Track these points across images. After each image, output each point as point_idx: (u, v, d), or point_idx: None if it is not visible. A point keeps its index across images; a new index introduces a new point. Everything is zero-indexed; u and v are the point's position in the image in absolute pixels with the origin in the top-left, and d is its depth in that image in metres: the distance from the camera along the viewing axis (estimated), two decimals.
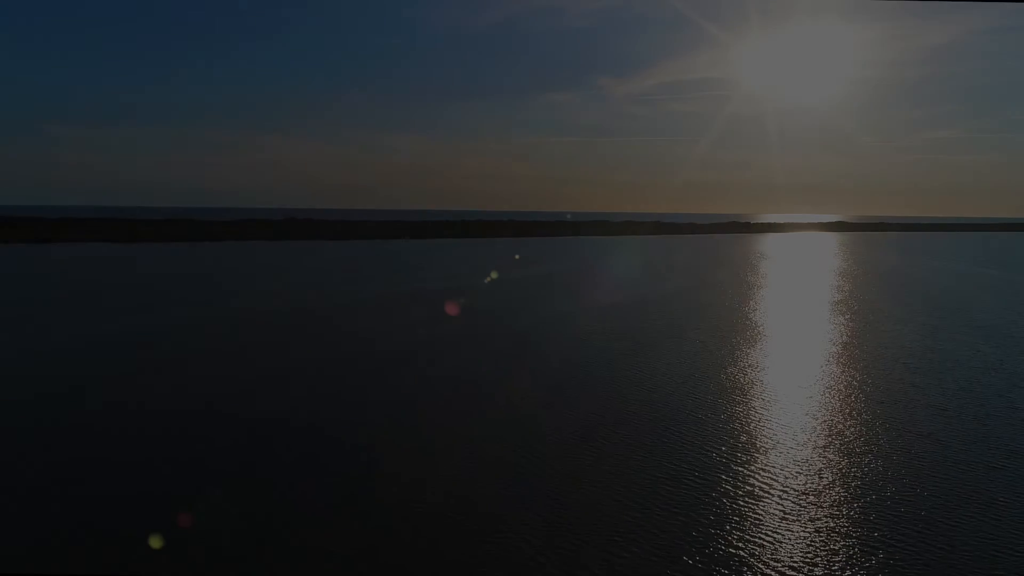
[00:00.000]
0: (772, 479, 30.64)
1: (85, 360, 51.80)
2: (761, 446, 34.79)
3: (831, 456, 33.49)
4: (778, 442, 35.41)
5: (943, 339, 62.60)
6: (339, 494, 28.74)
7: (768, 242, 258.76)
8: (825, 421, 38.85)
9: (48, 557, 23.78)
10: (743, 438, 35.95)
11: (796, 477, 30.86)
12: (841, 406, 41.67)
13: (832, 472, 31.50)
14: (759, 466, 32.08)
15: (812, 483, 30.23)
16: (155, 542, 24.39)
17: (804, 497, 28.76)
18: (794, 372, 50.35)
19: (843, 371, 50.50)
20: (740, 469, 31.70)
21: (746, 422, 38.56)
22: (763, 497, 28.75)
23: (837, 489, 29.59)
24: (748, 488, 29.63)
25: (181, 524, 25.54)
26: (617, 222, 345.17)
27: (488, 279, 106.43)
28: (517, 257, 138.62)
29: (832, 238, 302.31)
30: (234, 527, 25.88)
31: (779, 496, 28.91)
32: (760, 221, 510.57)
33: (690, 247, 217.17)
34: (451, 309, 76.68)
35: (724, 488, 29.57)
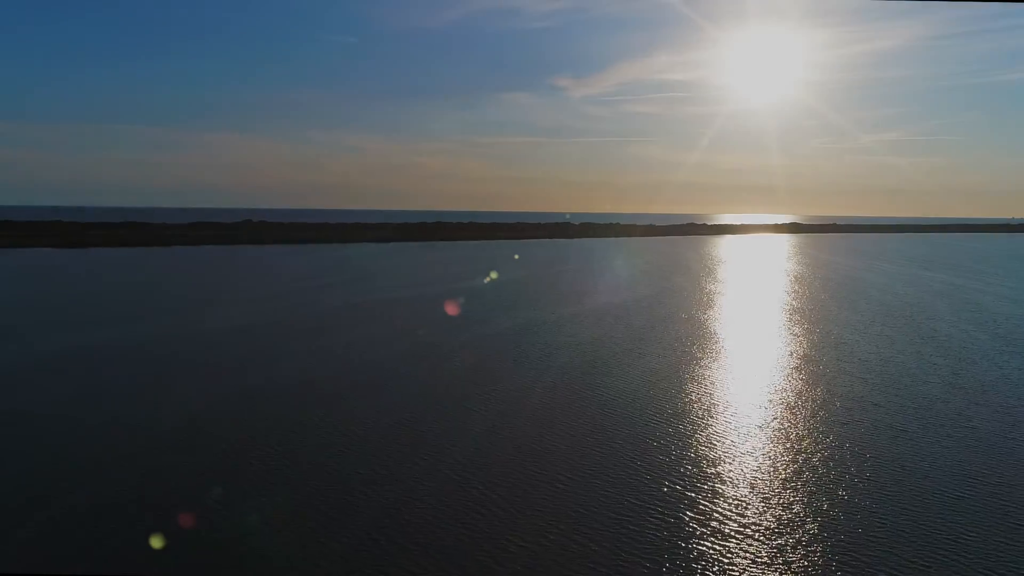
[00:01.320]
0: (728, 511, 29.70)
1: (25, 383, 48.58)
2: (722, 476, 33.87)
3: (792, 486, 32.74)
4: (739, 470, 34.57)
5: (899, 351, 63.01)
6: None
7: (725, 245, 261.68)
8: (785, 446, 38.18)
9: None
10: (703, 466, 35.01)
11: (758, 509, 29.98)
12: (801, 431, 41.11)
13: (795, 504, 30.72)
14: (721, 497, 31.11)
15: (772, 516, 29.38)
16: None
17: (766, 532, 27.86)
18: (753, 392, 49.81)
19: (803, 389, 50.16)
20: (704, 503, 30.68)
21: (707, 448, 37.66)
22: (726, 531, 27.75)
23: (801, 521, 28.79)
24: (710, 524, 28.61)
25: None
26: (577, 224, 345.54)
27: (453, 299, 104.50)
28: (490, 278, 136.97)
29: (787, 240, 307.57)
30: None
31: (739, 529, 27.96)
32: (718, 222, 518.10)
33: (649, 250, 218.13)
34: (399, 323, 74.77)
35: (683, 521, 28.50)
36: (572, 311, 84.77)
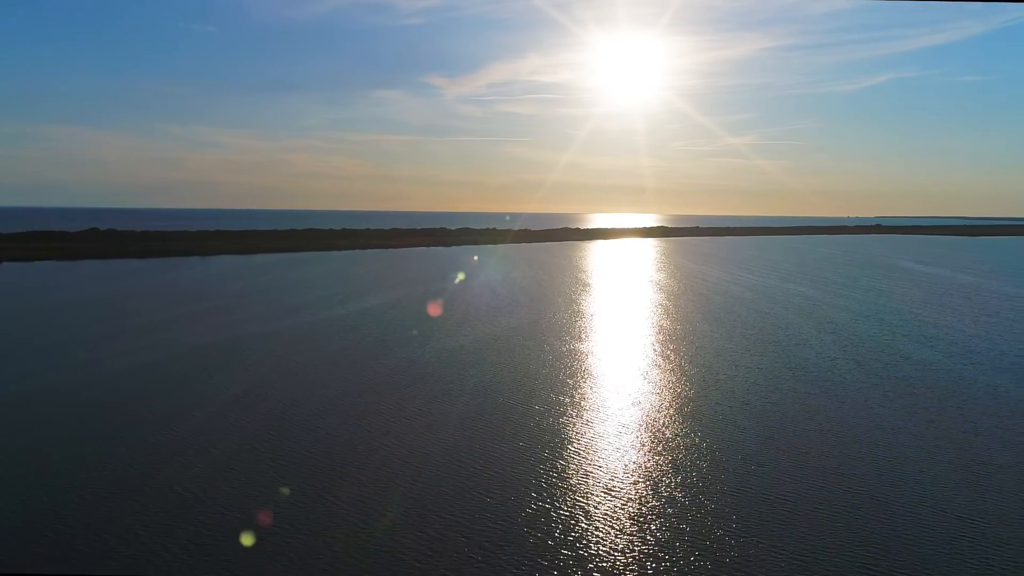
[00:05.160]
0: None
1: None
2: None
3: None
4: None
5: (773, 384, 64.17)
6: None
7: (598, 253, 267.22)
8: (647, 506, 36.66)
9: None
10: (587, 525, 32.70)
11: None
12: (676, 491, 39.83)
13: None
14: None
15: None
16: None
17: None
18: (625, 447, 48.39)
19: (684, 440, 49.34)
20: None
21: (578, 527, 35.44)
22: None
23: None
24: None
25: None
26: (454, 230, 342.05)
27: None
28: (360, 302, 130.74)
29: (655, 246, 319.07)
30: None
31: None
32: (590, 223, 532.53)
33: (525, 261, 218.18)
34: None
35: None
36: (451, 344, 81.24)
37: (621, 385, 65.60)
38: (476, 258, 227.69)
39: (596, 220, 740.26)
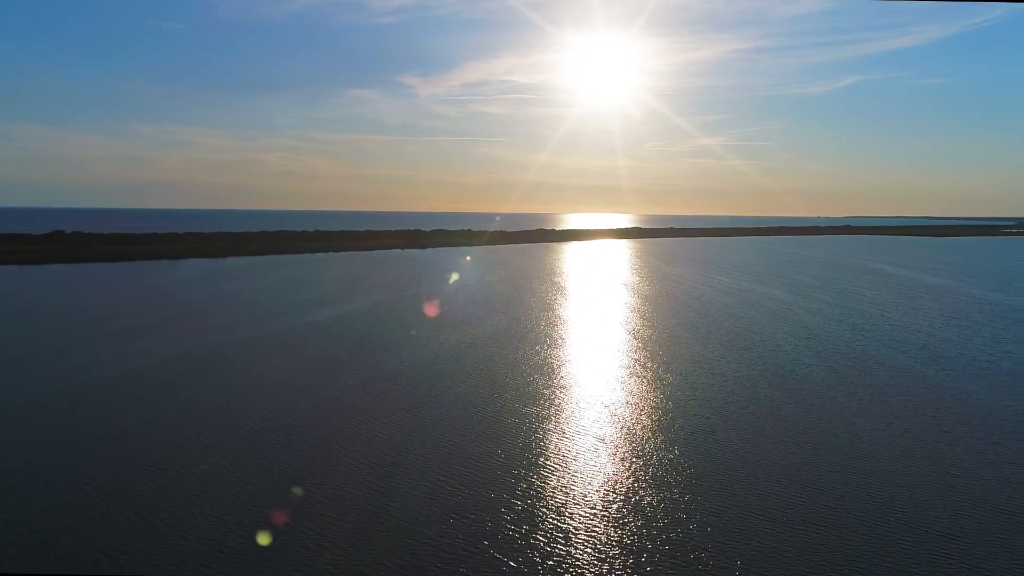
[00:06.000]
0: None
1: None
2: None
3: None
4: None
5: (753, 396, 64.12)
6: None
7: (573, 255, 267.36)
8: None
9: None
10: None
11: None
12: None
13: None
14: None
15: None
16: None
17: None
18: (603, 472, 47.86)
19: (671, 456, 48.92)
20: None
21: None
22: None
23: None
24: None
25: None
26: (429, 232, 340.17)
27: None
28: (332, 309, 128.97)
29: (630, 247, 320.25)
30: None
31: None
32: (566, 224, 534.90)
33: (500, 263, 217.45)
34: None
35: None
36: (425, 353, 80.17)
37: (598, 396, 65.09)
38: (451, 261, 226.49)
39: (572, 221, 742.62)
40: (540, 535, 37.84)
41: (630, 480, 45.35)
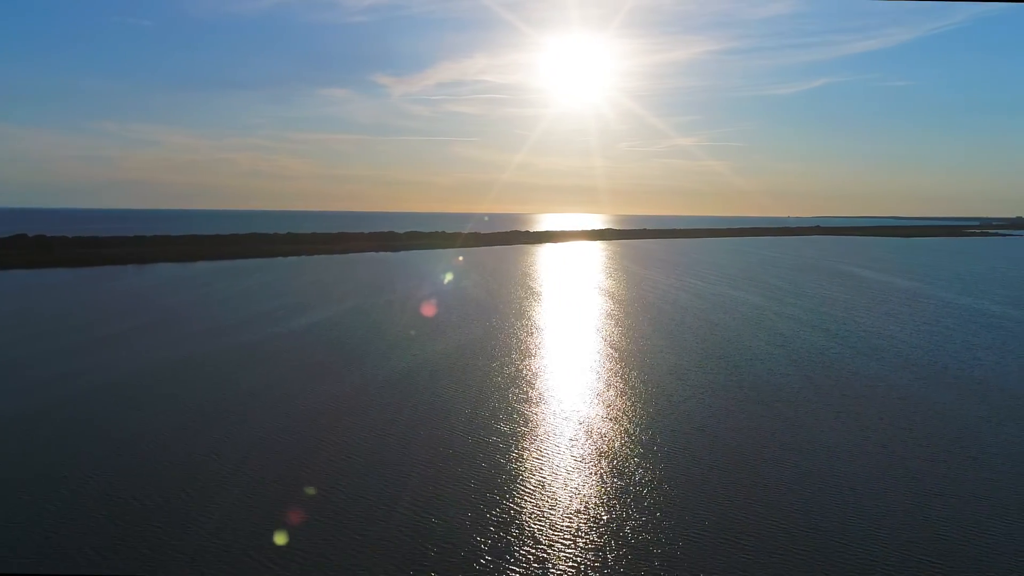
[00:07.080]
0: None
1: None
2: None
3: None
4: None
5: (726, 404, 63.73)
6: None
7: (547, 257, 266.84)
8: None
9: None
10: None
11: None
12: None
13: None
14: None
15: None
16: None
17: None
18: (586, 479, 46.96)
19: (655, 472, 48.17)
20: None
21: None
22: None
23: None
24: None
25: None
26: (403, 234, 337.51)
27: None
28: (301, 318, 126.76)
29: (604, 249, 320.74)
30: None
31: None
32: (540, 225, 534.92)
33: (474, 267, 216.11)
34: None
35: None
36: (399, 365, 78.73)
37: (575, 411, 64.19)
38: (425, 265, 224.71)
39: (547, 221, 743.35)
40: (513, 557, 36.74)
41: (605, 498, 44.45)
